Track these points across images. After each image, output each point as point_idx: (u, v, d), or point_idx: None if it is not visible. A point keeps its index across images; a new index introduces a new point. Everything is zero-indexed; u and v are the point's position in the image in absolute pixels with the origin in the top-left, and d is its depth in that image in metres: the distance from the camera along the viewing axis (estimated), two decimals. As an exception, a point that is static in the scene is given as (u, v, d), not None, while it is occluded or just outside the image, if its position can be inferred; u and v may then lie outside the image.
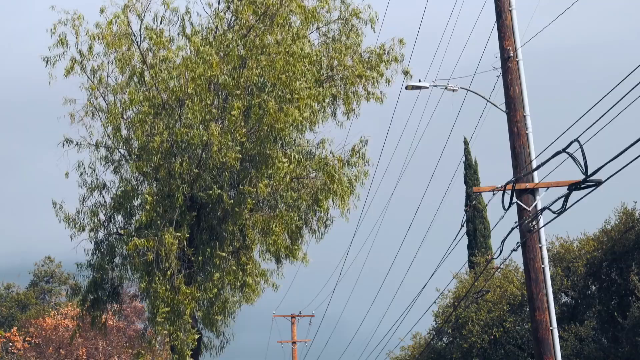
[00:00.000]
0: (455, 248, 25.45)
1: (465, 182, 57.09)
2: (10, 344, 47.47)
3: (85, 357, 45.11)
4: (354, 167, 23.93)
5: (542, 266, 23.24)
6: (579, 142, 16.04)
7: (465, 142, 56.12)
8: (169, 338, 22.06)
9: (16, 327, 48.03)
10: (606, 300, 33.47)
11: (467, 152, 57.34)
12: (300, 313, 69.02)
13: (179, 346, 21.79)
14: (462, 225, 32.27)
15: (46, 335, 44.87)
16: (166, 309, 21.41)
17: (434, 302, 36.43)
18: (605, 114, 14.54)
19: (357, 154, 24.03)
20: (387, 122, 26.36)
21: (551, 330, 22.66)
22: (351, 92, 24.19)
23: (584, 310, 34.01)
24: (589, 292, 34.54)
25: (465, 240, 57.93)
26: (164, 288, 21.39)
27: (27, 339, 46.24)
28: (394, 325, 35.62)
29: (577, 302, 34.56)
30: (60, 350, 45.16)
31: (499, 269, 35.87)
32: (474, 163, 57.99)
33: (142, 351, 23.23)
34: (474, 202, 41.63)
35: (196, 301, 22.03)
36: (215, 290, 21.80)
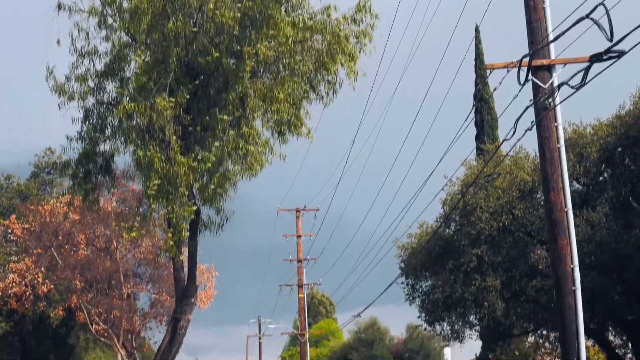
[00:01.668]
0: (463, 138, 24.47)
1: (475, 71, 55.98)
2: (10, 231, 47.00)
3: (84, 243, 44.63)
4: (360, 24, 22.43)
5: (558, 145, 22.23)
6: (604, 5, 14.96)
7: (477, 30, 54.49)
8: (165, 211, 21.07)
9: (15, 215, 47.45)
10: (619, 187, 32.51)
11: (477, 41, 55.90)
12: (304, 207, 68.74)
13: (174, 219, 20.77)
14: (473, 107, 30.88)
15: (43, 220, 44.27)
16: (157, 180, 20.26)
17: (442, 189, 35.60)
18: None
19: (364, 9, 22.48)
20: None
21: (566, 211, 21.80)
22: None
23: (596, 196, 33.10)
24: (602, 178, 33.57)
25: (473, 131, 57.18)
26: (158, 156, 20.22)
27: (26, 226, 45.66)
28: (401, 214, 34.94)
29: (588, 188, 33.62)
30: (59, 236, 44.61)
31: (509, 156, 34.84)
32: (482, 53, 56.65)
33: (136, 225, 22.09)
34: (486, 79, 40.27)
35: (193, 173, 20.88)
36: (214, 158, 20.58)
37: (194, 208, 21.38)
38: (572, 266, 21.25)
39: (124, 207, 42.42)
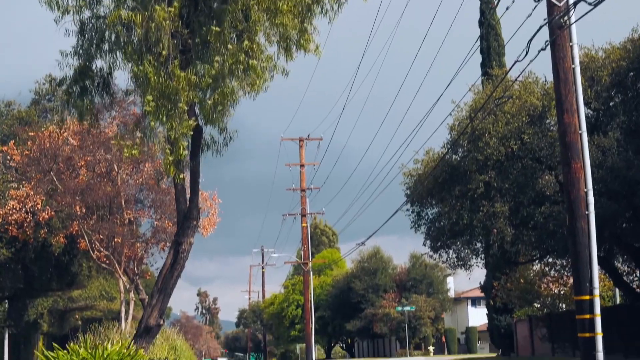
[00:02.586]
0: (469, 66, 23.85)
1: (480, -2, 55.03)
2: (9, 157, 46.37)
3: (84, 169, 44.01)
4: None
5: (573, 66, 21.52)
6: None
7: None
8: (163, 128, 20.36)
9: (14, 141, 46.77)
10: (630, 112, 31.74)
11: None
12: (308, 136, 68.22)
13: (173, 136, 20.06)
14: (479, 38, 29.56)
15: (42, 145, 43.60)
16: (150, 96, 19.44)
17: (449, 114, 34.91)
18: None
19: None
20: None
21: (580, 134, 21.18)
22: None
23: (607, 121, 32.35)
24: (613, 103, 32.80)
25: (479, 59, 56.32)
26: (152, 70, 19.37)
27: (25, 152, 45.01)
28: (407, 140, 34.28)
29: (599, 113, 32.86)
30: (59, 162, 43.97)
31: (518, 81, 34.05)
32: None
33: (137, 141, 21.25)
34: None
35: (194, 89, 20.09)
36: (214, 72, 19.76)
37: (194, 123, 20.56)
38: (585, 190, 20.69)
39: (125, 131, 41.74)
